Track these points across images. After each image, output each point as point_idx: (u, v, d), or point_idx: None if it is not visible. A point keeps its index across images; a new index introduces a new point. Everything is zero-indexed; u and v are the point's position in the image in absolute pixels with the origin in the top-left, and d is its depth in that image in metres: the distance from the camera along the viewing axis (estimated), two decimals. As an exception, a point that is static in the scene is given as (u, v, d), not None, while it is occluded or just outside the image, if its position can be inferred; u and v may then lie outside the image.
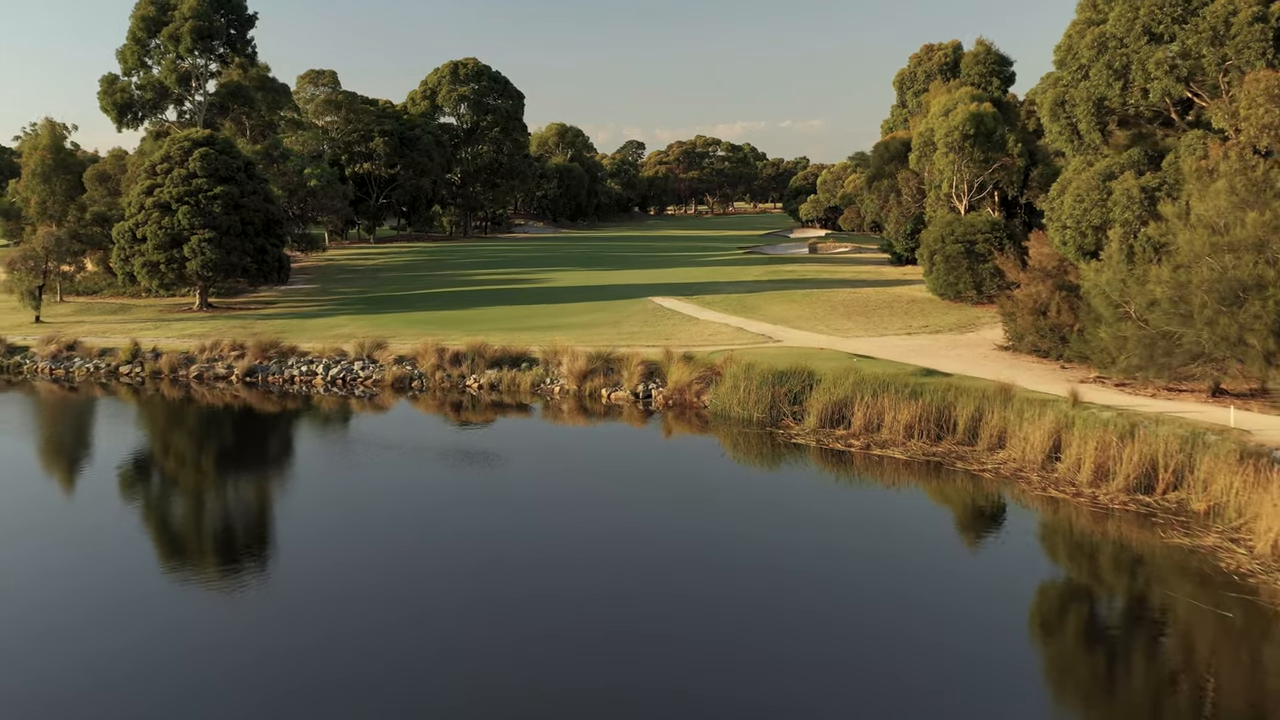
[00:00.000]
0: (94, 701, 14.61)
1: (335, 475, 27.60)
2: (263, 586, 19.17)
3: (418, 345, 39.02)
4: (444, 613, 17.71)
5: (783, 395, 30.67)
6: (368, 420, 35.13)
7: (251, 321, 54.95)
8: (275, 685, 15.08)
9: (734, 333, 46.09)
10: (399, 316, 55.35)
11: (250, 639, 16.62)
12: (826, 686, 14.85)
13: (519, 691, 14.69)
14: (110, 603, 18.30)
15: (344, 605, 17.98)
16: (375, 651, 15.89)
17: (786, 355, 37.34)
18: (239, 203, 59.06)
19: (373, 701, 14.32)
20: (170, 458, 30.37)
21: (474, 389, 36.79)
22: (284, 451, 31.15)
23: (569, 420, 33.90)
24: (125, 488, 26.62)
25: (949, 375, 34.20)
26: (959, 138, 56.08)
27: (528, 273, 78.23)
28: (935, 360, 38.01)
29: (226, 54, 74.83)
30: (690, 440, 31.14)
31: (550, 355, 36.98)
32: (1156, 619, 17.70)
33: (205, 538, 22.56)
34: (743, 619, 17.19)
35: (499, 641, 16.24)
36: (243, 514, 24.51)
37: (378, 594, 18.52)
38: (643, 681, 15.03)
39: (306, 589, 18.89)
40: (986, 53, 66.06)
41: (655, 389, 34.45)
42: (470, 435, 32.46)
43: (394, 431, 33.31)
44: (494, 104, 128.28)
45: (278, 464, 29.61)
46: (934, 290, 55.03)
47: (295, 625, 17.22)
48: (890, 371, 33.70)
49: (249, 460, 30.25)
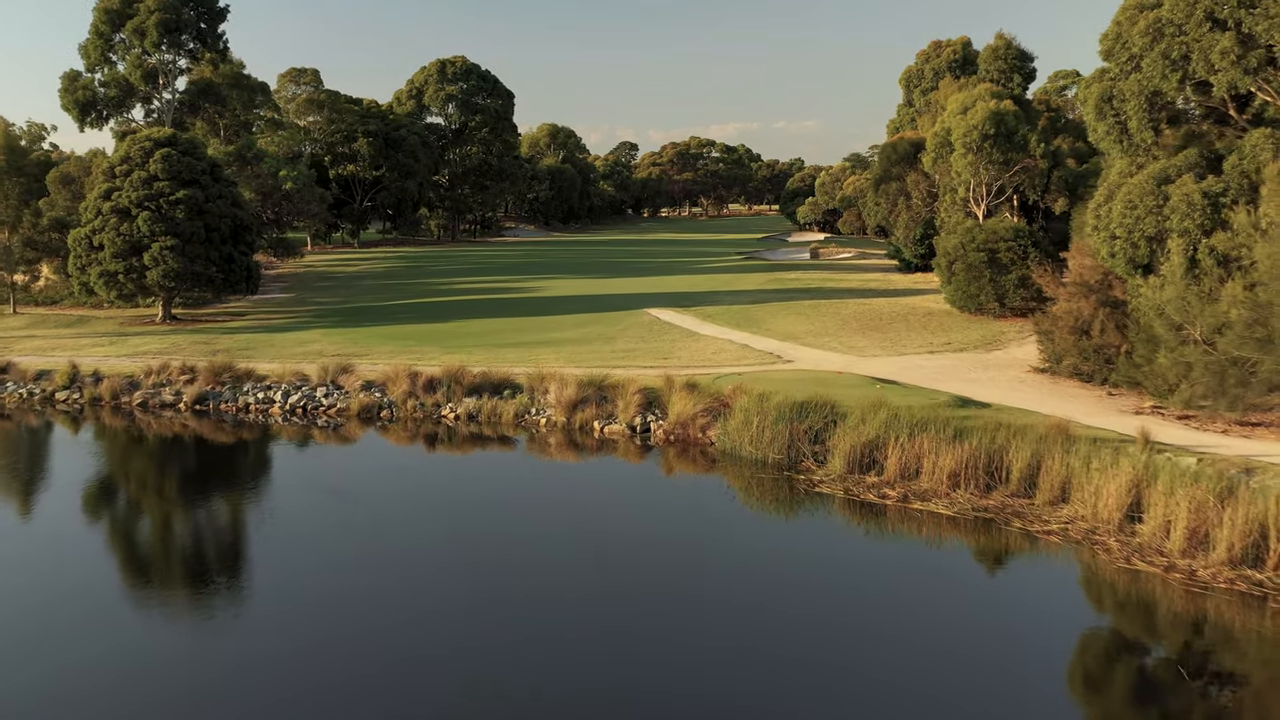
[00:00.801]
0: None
1: (271, 536, 23.48)
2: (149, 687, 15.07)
3: (388, 369, 34.91)
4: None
5: (802, 433, 26.63)
6: (327, 456, 31.01)
7: (216, 336, 50.80)
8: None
9: (739, 351, 42.07)
10: (375, 330, 51.23)
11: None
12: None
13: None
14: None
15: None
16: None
17: (800, 381, 33.32)
18: (203, 208, 54.88)
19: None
20: (72, 509, 26.19)
21: (450, 419, 32.69)
22: (219, 496, 27.02)
23: (556, 456, 29.83)
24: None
25: (987, 406, 30.21)
26: (978, 137, 52.19)
27: (516, 281, 74.12)
28: (966, 385, 34.04)
29: (196, 49, 70.66)
30: (695, 485, 27.09)
31: (536, 381, 32.91)
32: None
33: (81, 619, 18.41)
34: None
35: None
36: (137, 591, 20.37)
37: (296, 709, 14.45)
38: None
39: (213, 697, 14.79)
40: (1006, 47, 62.17)
41: (654, 421, 30.40)
42: (441, 478, 28.35)
43: (352, 472, 29.18)
44: (483, 103, 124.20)
45: (203, 515, 25.48)
46: (952, 302, 51.10)
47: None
48: (921, 402, 29.70)
49: (170, 509, 26.10)
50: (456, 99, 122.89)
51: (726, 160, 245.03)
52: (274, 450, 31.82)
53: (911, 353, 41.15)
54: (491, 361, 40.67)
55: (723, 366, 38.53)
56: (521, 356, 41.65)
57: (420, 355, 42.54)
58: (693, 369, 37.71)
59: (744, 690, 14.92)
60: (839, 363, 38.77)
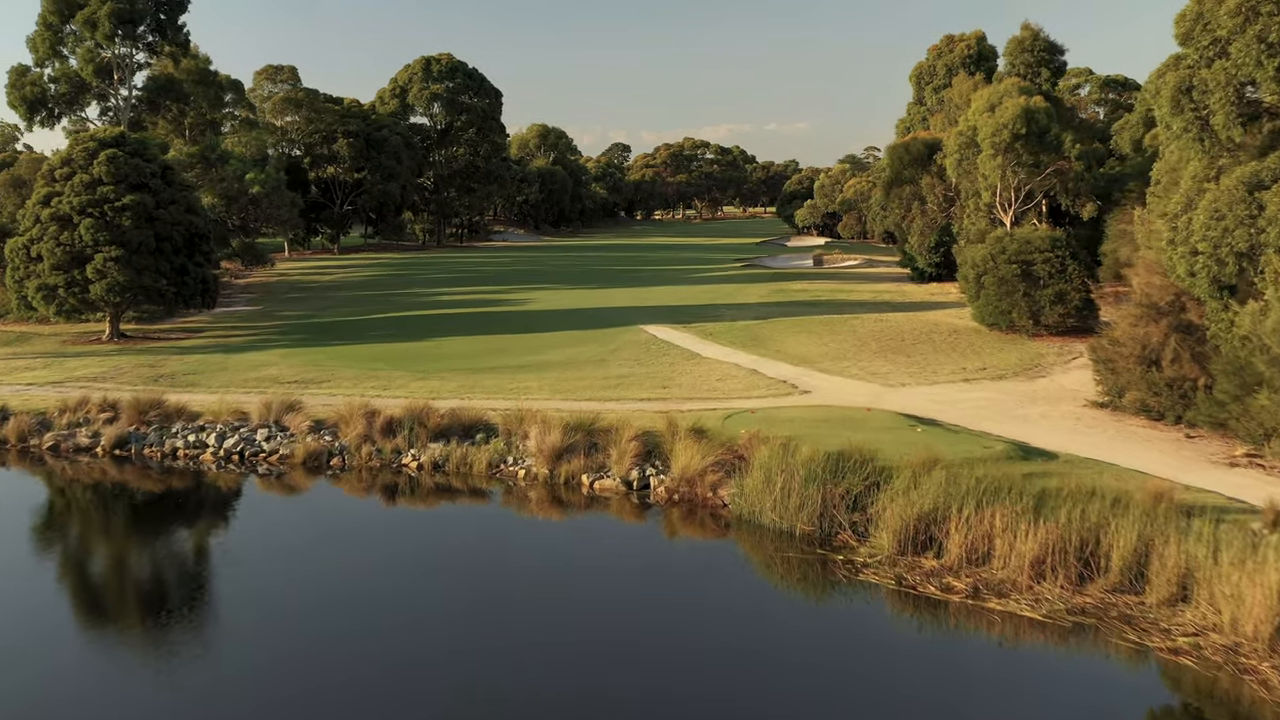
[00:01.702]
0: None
1: (169, 632, 18.38)
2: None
3: (342, 407, 29.81)
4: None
5: (838, 498, 21.65)
6: (261, 515, 25.95)
7: (165, 357, 45.67)
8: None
9: (747, 378, 37.11)
10: (342, 350, 46.14)
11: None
12: None
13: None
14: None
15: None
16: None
17: (826, 422, 28.35)
18: (153, 214, 49.67)
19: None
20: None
21: (412, 469, 27.63)
22: (111, 569, 21.93)
23: (537, 515, 24.82)
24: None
25: (1054, 456, 25.28)
26: (1008, 137, 47.30)
27: (501, 292, 69.02)
28: (1019, 426, 29.11)
29: (155, 42, 65.39)
30: (706, 563, 22.08)
31: (514, 424, 27.88)
32: None
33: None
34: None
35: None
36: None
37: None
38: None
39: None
40: (1034, 39, 57.29)
41: (655, 476, 25.39)
42: (396, 545, 23.28)
43: (288, 537, 24.09)
44: (469, 103, 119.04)
45: (84, 598, 20.39)
46: (980, 319, 46.20)
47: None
48: (975, 451, 24.75)
49: (32, 597, 21.02)
50: (442, 98, 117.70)
51: (721, 162, 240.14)
52: (197, 508, 26.72)
53: (944, 381, 36.22)
54: (468, 389, 35.72)
55: (731, 398, 33.58)
56: (501, 385, 36.66)
57: (387, 383, 37.51)
58: (696, 402, 32.76)
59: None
60: (864, 394, 33.83)
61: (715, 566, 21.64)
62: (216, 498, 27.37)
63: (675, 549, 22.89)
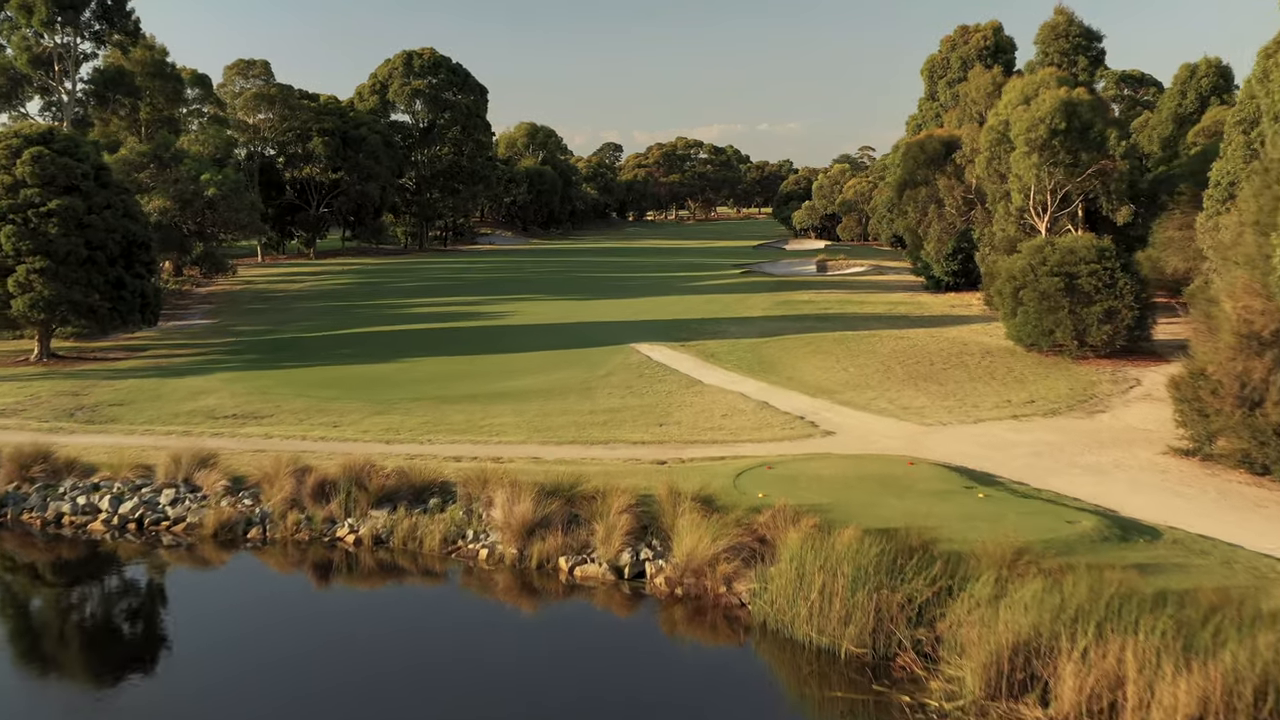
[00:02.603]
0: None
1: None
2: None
3: (268, 461, 24.29)
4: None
5: (895, 607, 16.26)
6: (142, 611, 20.48)
7: (95, 382, 40.18)
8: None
9: (757, 412, 31.75)
10: (295, 375, 40.65)
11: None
12: None
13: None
14: None
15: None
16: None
17: (861, 480, 22.99)
18: (84, 220, 44.04)
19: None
20: None
21: (348, 542, 22.17)
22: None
23: (500, 611, 19.41)
24: None
25: (1158, 535, 19.93)
26: (1045, 133, 42.00)
27: (481, 303, 63.50)
28: (1094, 482, 23.80)
29: (103, 30, 59.68)
30: (719, 690, 16.69)
31: (476, 485, 22.42)
32: None
33: None
34: None
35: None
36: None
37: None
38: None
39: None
40: (1068, 24, 52.04)
41: (652, 559, 19.96)
42: (315, 659, 17.82)
43: (182, 637, 18.61)
44: (453, 99, 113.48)
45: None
46: (1016, 337, 40.90)
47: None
48: (1058, 530, 19.39)
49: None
50: (424, 94, 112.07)
51: (714, 162, 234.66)
52: (62, 597, 21.20)
53: (989, 418, 30.87)
54: (431, 427, 30.32)
55: (740, 441, 28.21)
56: (472, 420, 31.26)
57: (339, 419, 32.10)
58: (699, 447, 27.39)
59: None
60: (897, 436, 28.48)
61: (732, 696, 16.24)
62: (93, 582, 21.86)
63: (678, 665, 17.48)
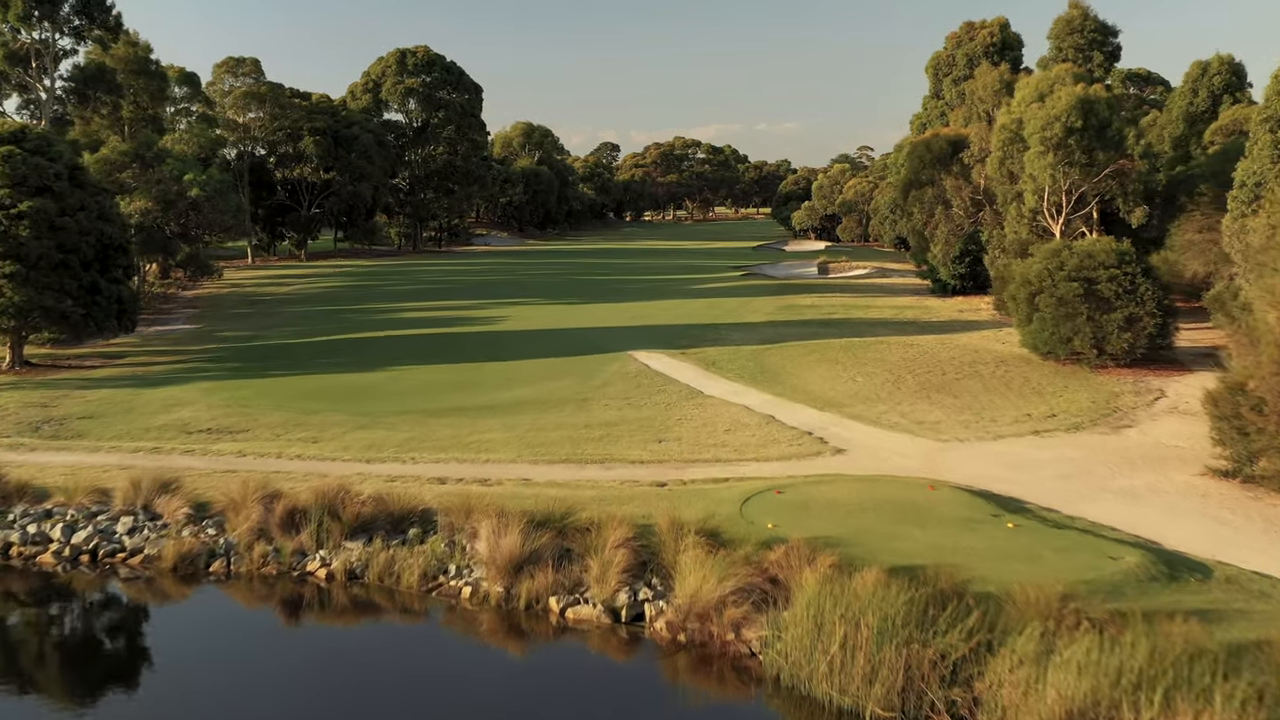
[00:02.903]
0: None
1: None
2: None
3: (235, 486, 22.39)
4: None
5: (928, 663, 14.42)
6: (91, 656, 18.60)
7: (67, 392, 38.33)
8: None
9: (763, 427, 29.90)
10: (277, 385, 38.78)
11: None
12: None
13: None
14: None
15: None
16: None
17: (877, 505, 21.16)
18: (57, 223, 42.10)
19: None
20: None
21: (320, 577, 20.29)
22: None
23: (483, 656, 17.54)
24: None
25: (1207, 570, 18.11)
26: (1061, 131, 40.18)
27: (475, 307, 61.61)
28: (1129, 508, 21.99)
29: (82, 25, 57.75)
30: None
31: (459, 514, 20.55)
32: None
33: None
34: None
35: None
36: None
37: None
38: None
39: None
40: (1083, 18, 50.16)
41: (652, 601, 18.09)
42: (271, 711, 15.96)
43: (115, 700, 16.74)
44: (447, 98, 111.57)
45: None
46: (1031, 345, 39.07)
47: None
48: (1100, 569, 17.57)
49: None
50: (418, 93, 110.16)
51: (712, 161, 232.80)
52: (7, 636, 19.29)
53: (1009, 433, 29.04)
54: (416, 444, 28.49)
55: (744, 459, 26.38)
56: (459, 436, 29.41)
57: (319, 434, 30.25)
58: (701, 466, 25.56)
59: None
60: (913, 454, 26.64)
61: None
62: (35, 623, 19.95)
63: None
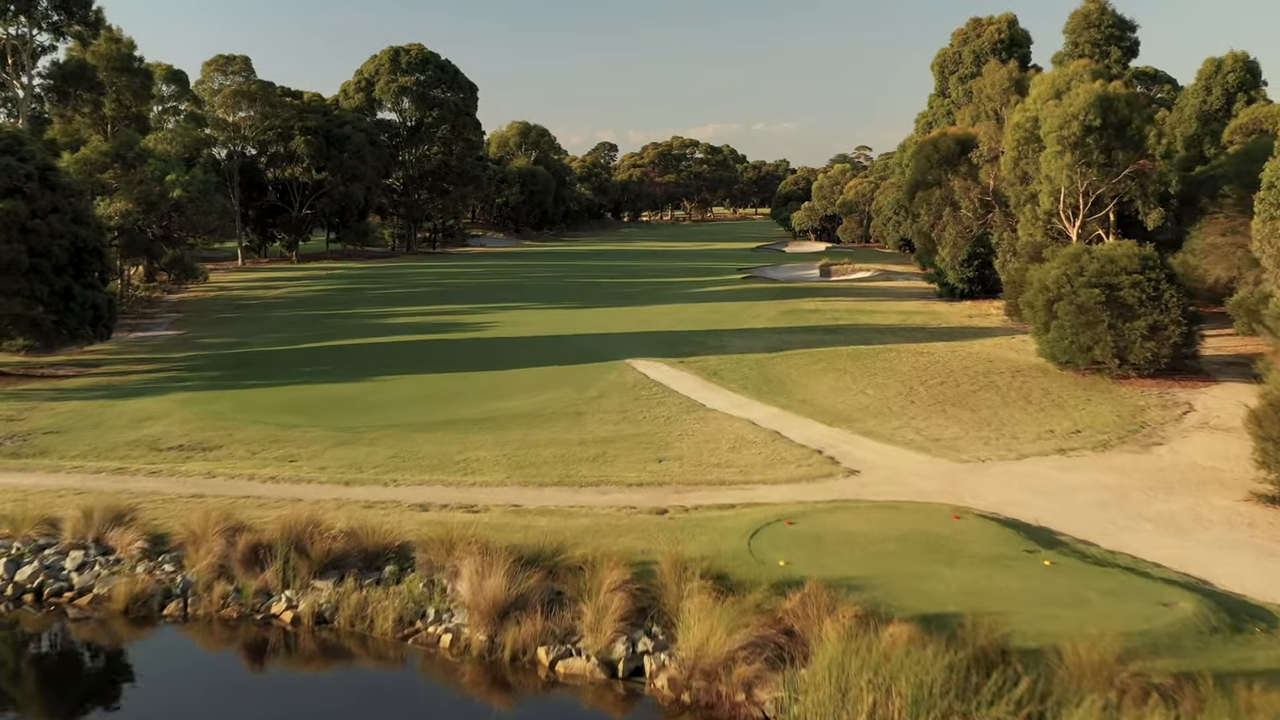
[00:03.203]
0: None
1: None
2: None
3: (194, 517, 20.49)
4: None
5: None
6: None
7: (35, 404, 36.45)
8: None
9: (769, 445, 28.02)
10: (256, 396, 36.89)
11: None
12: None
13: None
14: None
15: None
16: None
17: (899, 538, 19.30)
18: (28, 225, 40.29)
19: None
20: None
21: (285, 620, 18.39)
22: None
23: (465, 714, 15.67)
24: None
25: (1273, 619, 16.26)
26: (1079, 130, 38.35)
27: (467, 312, 59.70)
28: (1170, 540, 20.14)
29: (61, 21, 55.83)
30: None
31: (439, 550, 18.65)
32: None
33: None
34: None
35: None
36: None
37: None
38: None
39: None
40: (1100, 13, 48.35)
41: (652, 654, 16.20)
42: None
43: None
44: (442, 97, 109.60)
45: None
46: (1049, 354, 37.21)
47: None
48: (1153, 619, 15.71)
49: None
50: (412, 92, 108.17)
51: (711, 161, 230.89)
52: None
53: (1032, 452, 27.17)
54: (399, 463, 26.65)
55: (750, 482, 24.52)
56: (446, 454, 27.55)
57: (297, 449, 28.41)
58: (704, 490, 23.71)
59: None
60: (932, 476, 24.77)
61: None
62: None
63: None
